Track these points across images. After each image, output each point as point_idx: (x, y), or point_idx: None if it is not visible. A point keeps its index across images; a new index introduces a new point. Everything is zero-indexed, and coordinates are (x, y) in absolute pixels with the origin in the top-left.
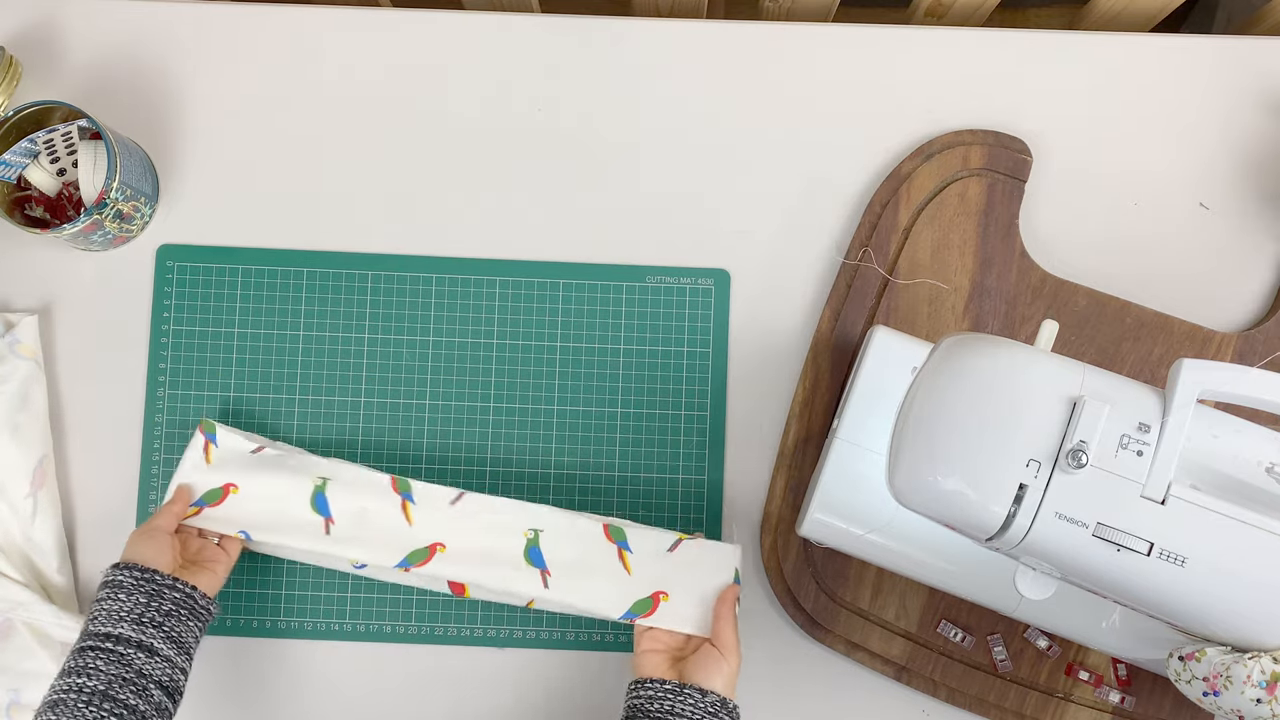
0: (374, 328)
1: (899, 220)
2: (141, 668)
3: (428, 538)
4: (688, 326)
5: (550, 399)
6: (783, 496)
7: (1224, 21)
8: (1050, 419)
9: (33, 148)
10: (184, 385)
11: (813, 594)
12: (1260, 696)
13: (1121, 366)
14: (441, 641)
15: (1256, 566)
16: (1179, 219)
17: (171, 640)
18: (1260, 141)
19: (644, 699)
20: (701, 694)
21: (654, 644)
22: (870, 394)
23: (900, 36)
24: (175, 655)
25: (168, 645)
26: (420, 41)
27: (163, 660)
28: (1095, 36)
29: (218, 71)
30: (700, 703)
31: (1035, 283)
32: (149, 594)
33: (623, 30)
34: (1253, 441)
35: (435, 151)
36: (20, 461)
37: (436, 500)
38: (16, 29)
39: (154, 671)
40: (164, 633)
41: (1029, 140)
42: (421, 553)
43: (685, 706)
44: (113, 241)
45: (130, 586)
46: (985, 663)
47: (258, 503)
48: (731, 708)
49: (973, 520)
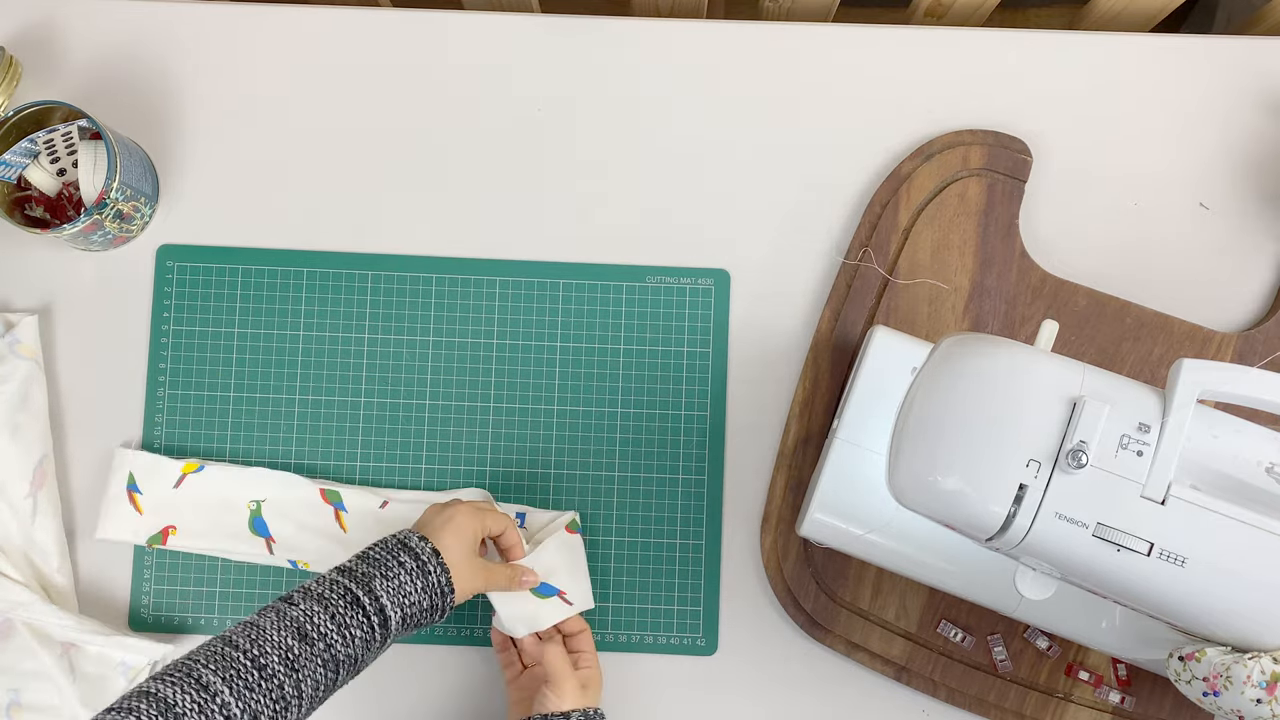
0: (374, 328)
1: (899, 220)
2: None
3: (362, 541)
4: (688, 326)
5: (550, 399)
6: (783, 496)
7: (1224, 21)
8: (1050, 419)
9: (33, 148)
10: (184, 385)
11: (813, 594)
12: (1260, 696)
13: (1121, 366)
14: (442, 641)
15: (1256, 566)
16: (1179, 219)
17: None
18: (1260, 141)
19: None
20: (545, 718)
21: (521, 692)
22: (870, 394)
23: (900, 36)
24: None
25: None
26: (420, 41)
27: (379, 632)
28: (1095, 36)
29: (218, 71)
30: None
31: (1035, 283)
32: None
33: (623, 30)
34: (1253, 441)
35: (435, 151)
36: (20, 461)
37: (366, 508)
38: (16, 29)
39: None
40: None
41: (1029, 140)
42: None
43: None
44: (113, 241)
45: (427, 561)
46: (985, 663)
47: (198, 539)
48: (578, 716)
49: (973, 520)
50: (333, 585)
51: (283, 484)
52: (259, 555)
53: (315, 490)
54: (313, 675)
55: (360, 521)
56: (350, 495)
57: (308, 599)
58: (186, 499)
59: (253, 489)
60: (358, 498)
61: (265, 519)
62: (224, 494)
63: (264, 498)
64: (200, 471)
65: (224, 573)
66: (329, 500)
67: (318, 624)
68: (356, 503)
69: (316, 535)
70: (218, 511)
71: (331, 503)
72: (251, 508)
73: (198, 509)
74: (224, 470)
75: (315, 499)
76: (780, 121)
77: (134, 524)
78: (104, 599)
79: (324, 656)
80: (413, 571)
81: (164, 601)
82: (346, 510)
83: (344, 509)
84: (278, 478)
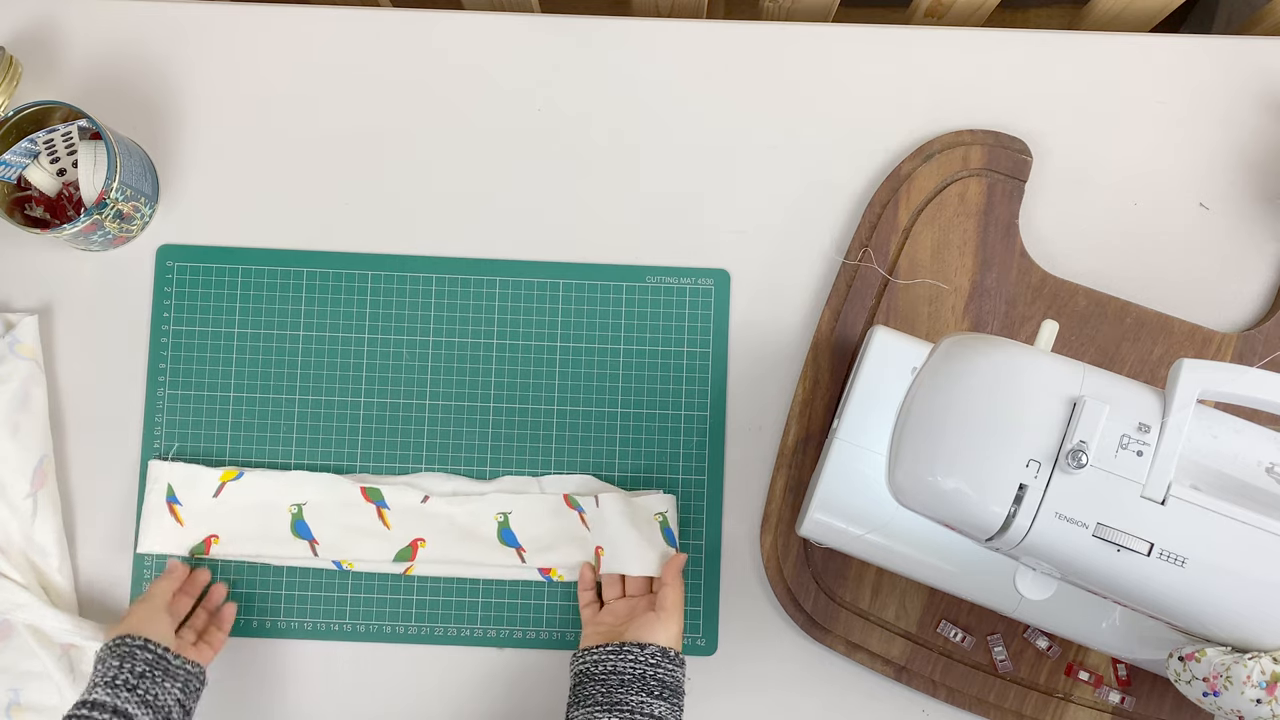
0: (374, 328)
1: (899, 220)
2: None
3: (407, 536)
4: (688, 326)
5: (550, 399)
6: (783, 496)
7: (1224, 21)
8: (1050, 419)
9: (33, 148)
10: (184, 385)
11: (813, 594)
12: (1260, 697)
13: (1121, 366)
14: (441, 641)
15: (1256, 566)
16: (1179, 219)
17: (145, 704)
18: (1260, 141)
19: (588, 663)
20: (640, 648)
21: (598, 627)
22: (870, 394)
23: (900, 36)
24: (151, 718)
25: (141, 709)
26: (420, 42)
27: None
28: (1095, 36)
29: (218, 71)
30: (640, 656)
31: (1035, 283)
32: (120, 656)
33: (623, 30)
34: (1253, 441)
35: (435, 151)
36: (20, 461)
37: (408, 504)
38: (16, 29)
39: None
40: (138, 696)
41: (1029, 140)
42: (406, 551)
43: (625, 663)
44: (113, 241)
45: (103, 655)
46: (985, 663)
47: (242, 544)
48: (673, 655)
49: (973, 520)
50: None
51: (323, 486)
52: (303, 558)
53: (356, 490)
54: None
55: (403, 519)
56: (391, 493)
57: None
58: (227, 507)
59: (294, 492)
60: (399, 495)
61: (308, 521)
62: (265, 499)
63: (305, 500)
64: (240, 479)
65: (223, 574)
66: (370, 499)
67: None
68: (398, 500)
69: (360, 534)
70: (259, 517)
71: (374, 501)
72: (293, 511)
73: (239, 516)
74: (263, 476)
75: (357, 498)
76: (780, 121)
77: (177, 536)
78: (104, 599)
79: None
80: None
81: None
82: (389, 508)
83: (386, 506)
84: (318, 480)
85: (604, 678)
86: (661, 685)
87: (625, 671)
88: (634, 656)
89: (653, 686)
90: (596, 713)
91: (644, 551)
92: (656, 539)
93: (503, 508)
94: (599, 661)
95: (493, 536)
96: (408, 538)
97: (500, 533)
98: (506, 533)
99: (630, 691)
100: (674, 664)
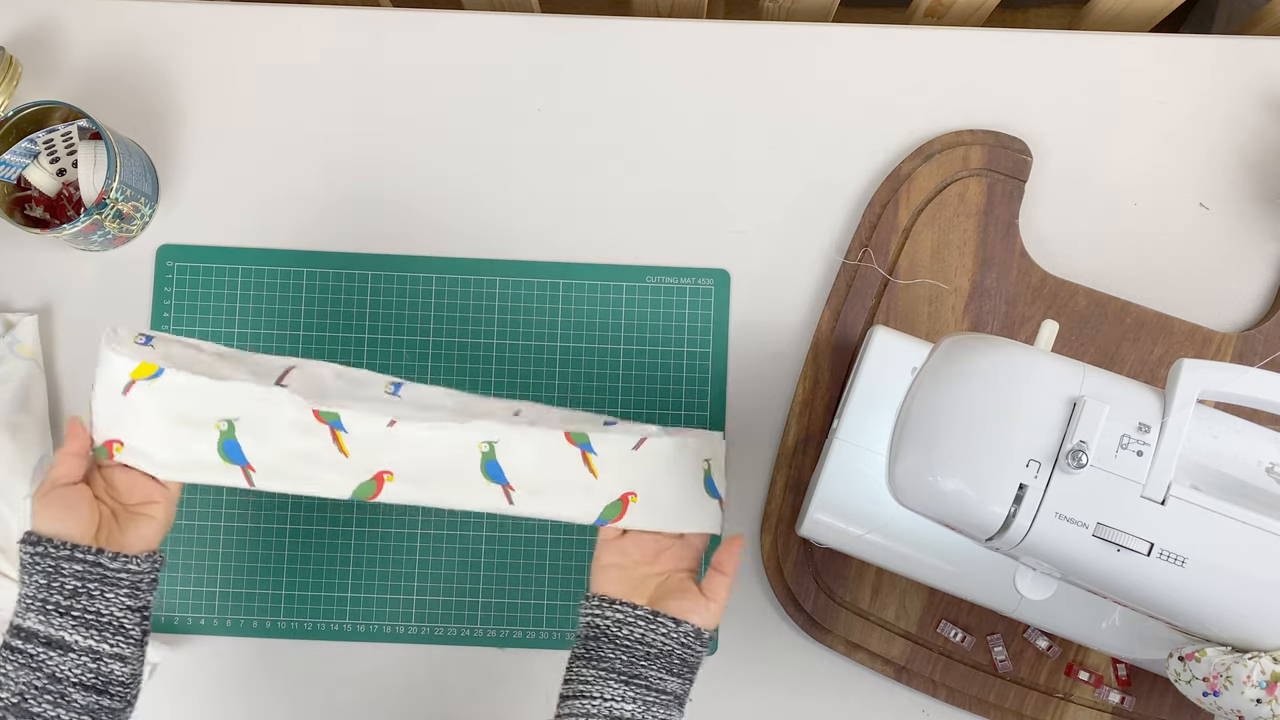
0: (374, 328)
1: (899, 220)
2: (54, 669)
3: (370, 467)
4: (688, 326)
5: (550, 399)
6: (783, 496)
7: (1224, 21)
8: (1050, 419)
9: (33, 148)
10: None
11: (813, 594)
12: (1260, 697)
13: (1121, 366)
14: (441, 641)
15: (1256, 566)
16: (1179, 219)
17: (86, 625)
18: (1260, 141)
19: (611, 622)
20: (676, 624)
21: (619, 557)
22: (870, 394)
23: (900, 36)
24: (97, 642)
25: (82, 633)
26: (420, 42)
27: (79, 654)
28: (1095, 36)
29: (218, 71)
30: (674, 631)
31: (1035, 283)
32: (46, 572)
33: (623, 30)
34: (1253, 441)
35: (435, 151)
36: (20, 461)
37: (370, 427)
38: (16, 29)
39: (70, 672)
40: (74, 619)
41: (1029, 140)
42: (368, 486)
43: (657, 636)
44: (113, 241)
45: (28, 564)
46: (985, 663)
47: (154, 462)
48: (706, 637)
49: (973, 520)
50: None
51: (262, 399)
52: (235, 483)
53: (307, 410)
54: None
55: (365, 444)
56: (350, 415)
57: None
58: (135, 409)
59: (222, 406)
60: (360, 417)
61: (239, 441)
62: (184, 408)
63: (237, 416)
64: (155, 378)
65: (224, 573)
66: (324, 420)
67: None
68: (359, 424)
69: (308, 462)
70: (177, 429)
71: (327, 422)
72: (221, 428)
73: (152, 423)
74: (186, 379)
75: (307, 418)
76: (780, 121)
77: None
78: None
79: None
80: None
81: (163, 602)
82: (346, 430)
83: (344, 429)
84: (257, 392)
85: (628, 645)
86: (683, 664)
87: (654, 644)
88: (666, 630)
89: (674, 664)
90: (612, 682)
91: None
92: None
93: (488, 436)
94: (624, 624)
95: (475, 470)
96: (370, 469)
97: (485, 465)
98: (491, 465)
99: (651, 665)
100: (702, 645)
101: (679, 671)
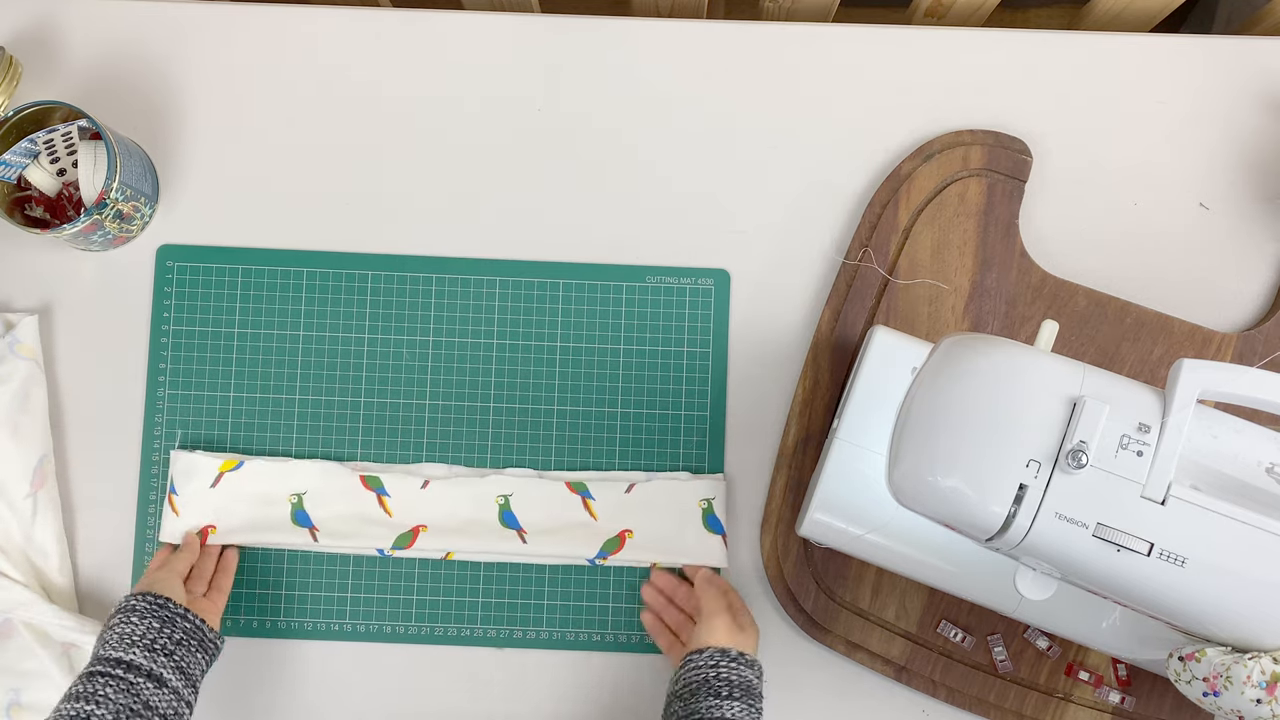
0: (374, 328)
1: (899, 220)
2: (149, 699)
3: (408, 523)
4: (688, 326)
5: (550, 399)
6: (783, 496)
7: (1224, 21)
8: (1050, 419)
9: (33, 148)
10: (184, 385)
11: (813, 594)
12: (1260, 697)
13: (1121, 366)
14: (441, 641)
15: (1256, 566)
16: (1179, 219)
17: (180, 671)
18: (1260, 141)
19: (671, 687)
20: (698, 653)
21: (672, 650)
22: (870, 394)
23: (900, 36)
24: (182, 687)
25: (176, 676)
26: (420, 41)
27: (170, 692)
28: (1095, 36)
29: (218, 71)
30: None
31: (1035, 283)
32: (161, 620)
33: (623, 30)
34: (1253, 441)
35: (435, 151)
36: (20, 461)
37: (408, 489)
38: (16, 29)
39: (160, 703)
40: (174, 662)
41: (1029, 140)
42: (406, 536)
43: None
44: (113, 241)
45: (144, 611)
46: (985, 663)
47: (240, 534)
48: (734, 654)
49: (973, 520)
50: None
51: (323, 474)
52: (303, 544)
53: (356, 478)
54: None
55: (404, 504)
56: (391, 479)
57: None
58: (226, 497)
59: (293, 481)
60: (399, 481)
61: (307, 510)
62: (264, 489)
63: (305, 490)
64: (239, 469)
65: None
66: (370, 486)
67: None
68: (398, 487)
69: (361, 522)
70: (258, 507)
71: (373, 489)
72: (293, 501)
73: (238, 506)
74: (263, 464)
75: (356, 486)
76: (780, 121)
77: (171, 525)
78: (104, 599)
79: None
80: (116, 614)
81: None
82: (389, 495)
83: (387, 494)
84: (318, 468)
85: (681, 695)
86: (729, 685)
87: (692, 680)
88: (693, 664)
89: (719, 688)
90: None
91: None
92: (694, 527)
93: (504, 490)
94: (674, 680)
95: (494, 519)
96: (409, 524)
97: (501, 514)
98: (508, 514)
99: (699, 698)
100: (736, 662)
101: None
